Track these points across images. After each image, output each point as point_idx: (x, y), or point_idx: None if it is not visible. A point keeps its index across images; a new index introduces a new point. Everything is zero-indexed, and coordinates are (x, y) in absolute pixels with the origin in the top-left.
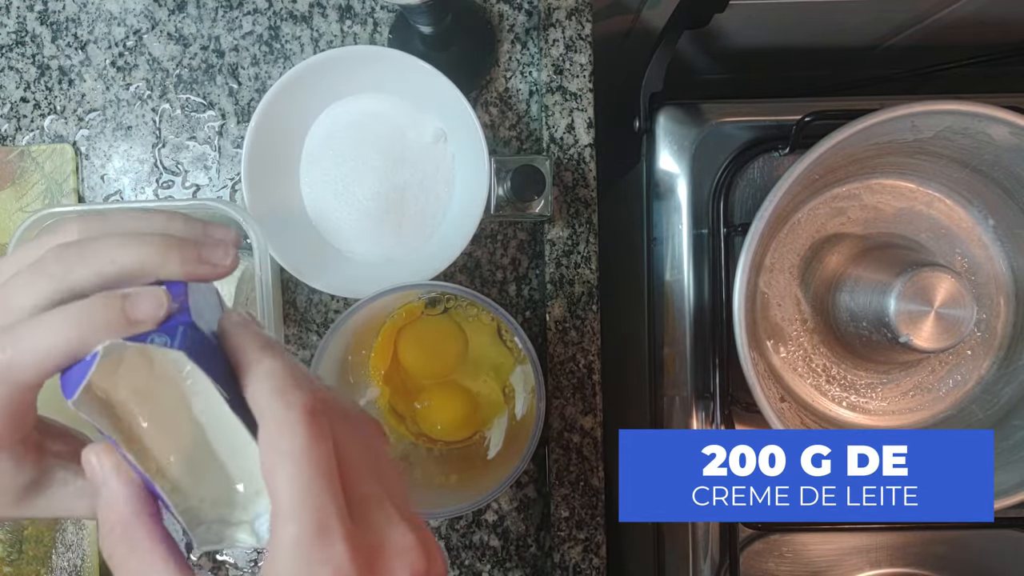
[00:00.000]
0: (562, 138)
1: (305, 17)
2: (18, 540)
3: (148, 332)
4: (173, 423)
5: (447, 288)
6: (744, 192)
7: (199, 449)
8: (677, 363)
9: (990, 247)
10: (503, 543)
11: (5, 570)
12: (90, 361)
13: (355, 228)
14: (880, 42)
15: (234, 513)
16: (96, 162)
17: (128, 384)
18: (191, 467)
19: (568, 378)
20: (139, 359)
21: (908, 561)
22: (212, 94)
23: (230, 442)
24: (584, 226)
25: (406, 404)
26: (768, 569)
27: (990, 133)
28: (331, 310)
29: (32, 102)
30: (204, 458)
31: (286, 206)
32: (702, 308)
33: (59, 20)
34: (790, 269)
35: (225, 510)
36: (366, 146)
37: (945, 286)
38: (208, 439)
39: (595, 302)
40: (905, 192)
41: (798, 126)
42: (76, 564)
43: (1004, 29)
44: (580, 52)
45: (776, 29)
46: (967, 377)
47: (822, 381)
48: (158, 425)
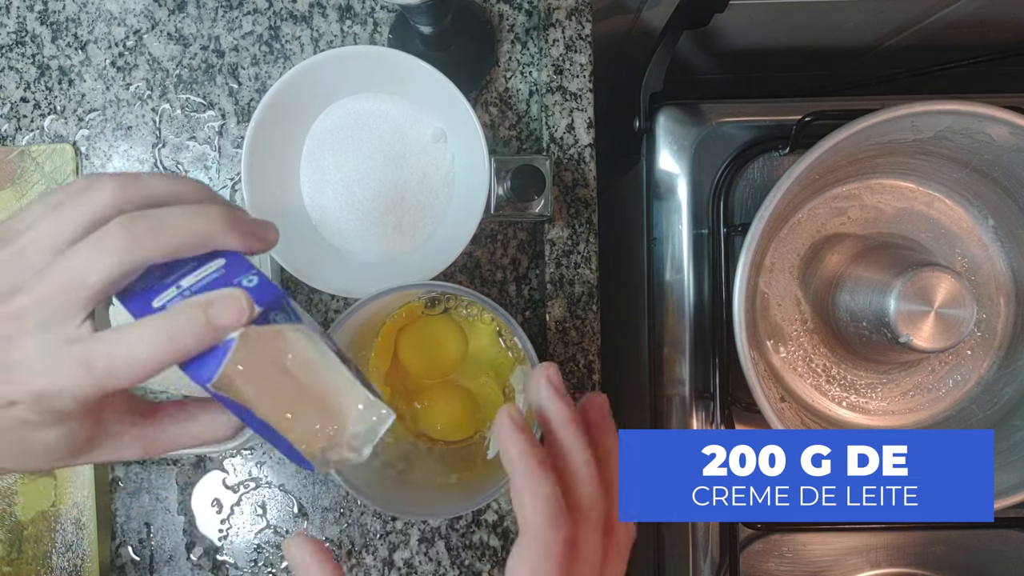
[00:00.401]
0: (562, 138)
1: (305, 17)
2: (18, 540)
3: (264, 312)
4: (277, 379)
5: (447, 288)
6: (744, 192)
7: (303, 396)
8: (677, 363)
9: (990, 247)
10: (503, 543)
11: (5, 570)
12: (223, 351)
13: (355, 228)
14: (880, 42)
15: (339, 438)
16: (96, 162)
17: (241, 358)
18: (301, 413)
19: (568, 378)
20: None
21: (908, 561)
22: (212, 94)
23: (333, 383)
24: (584, 226)
25: (406, 404)
26: (768, 569)
27: (990, 133)
28: (331, 310)
29: (32, 102)
30: (309, 402)
31: (286, 206)
32: (702, 308)
33: (59, 20)
34: (790, 269)
35: (331, 439)
36: (366, 146)
37: (945, 286)
38: (309, 385)
39: (595, 302)
40: (905, 192)
41: (798, 126)
42: (76, 564)
43: (1004, 29)
44: (580, 52)
45: (776, 29)
46: (967, 377)
47: (822, 381)
48: (268, 385)
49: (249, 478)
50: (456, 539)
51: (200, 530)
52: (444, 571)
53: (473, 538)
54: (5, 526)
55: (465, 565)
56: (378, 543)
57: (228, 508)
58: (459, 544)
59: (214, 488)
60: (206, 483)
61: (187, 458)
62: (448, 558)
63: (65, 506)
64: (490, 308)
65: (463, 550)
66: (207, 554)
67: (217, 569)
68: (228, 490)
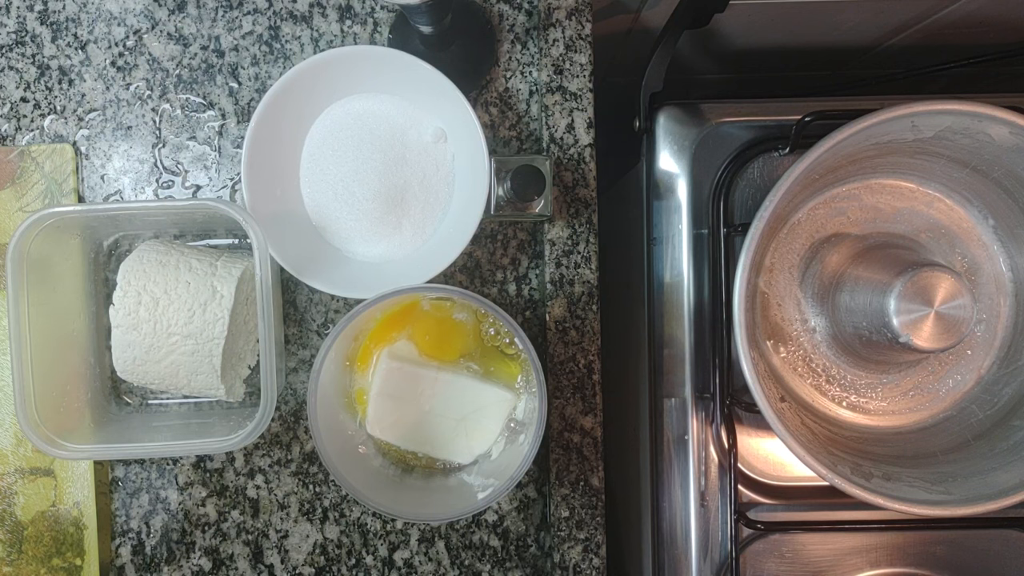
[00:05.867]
0: (562, 138)
1: (305, 17)
2: (18, 540)
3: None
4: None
5: (447, 291)
6: (744, 192)
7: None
8: (677, 363)
9: (990, 247)
10: (503, 543)
11: (5, 570)
12: None
13: (355, 228)
14: (880, 42)
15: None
16: (96, 162)
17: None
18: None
19: (568, 378)
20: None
21: (908, 561)
22: (212, 94)
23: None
24: (584, 226)
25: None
26: (768, 569)
27: (990, 133)
28: (331, 310)
29: (32, 102)
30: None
31: (286, 206)
32: (702, 308)
33: (59, 20)
34: (790, 269)
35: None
36: (366, 146)
37: (945, 286)
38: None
39: (595, 302)
40: (905, 192)
41: (798, 126)
42: (76, 564)
43: (1004, 29)
44: (580, 52)
45: (776, 29)
46: (967, 377)
47: (822, 381)
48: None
49: (249, 478)
50: (456, 539)
51: (200, 530)
52: (444, 571)
53: (473, 538)
54: (5, 526)
55: (465, 565)
56: (378, 543)
57: (228, 508)
58: (459, 544)
59: (214, 488)
60: (206, 483)
61: (187, 458)
62: (448, 558)
63: (65, 506)
64: (490, 310)
65: (463, 550)
66: (207, 554)
67: (217, 569)
68: (228, 490)
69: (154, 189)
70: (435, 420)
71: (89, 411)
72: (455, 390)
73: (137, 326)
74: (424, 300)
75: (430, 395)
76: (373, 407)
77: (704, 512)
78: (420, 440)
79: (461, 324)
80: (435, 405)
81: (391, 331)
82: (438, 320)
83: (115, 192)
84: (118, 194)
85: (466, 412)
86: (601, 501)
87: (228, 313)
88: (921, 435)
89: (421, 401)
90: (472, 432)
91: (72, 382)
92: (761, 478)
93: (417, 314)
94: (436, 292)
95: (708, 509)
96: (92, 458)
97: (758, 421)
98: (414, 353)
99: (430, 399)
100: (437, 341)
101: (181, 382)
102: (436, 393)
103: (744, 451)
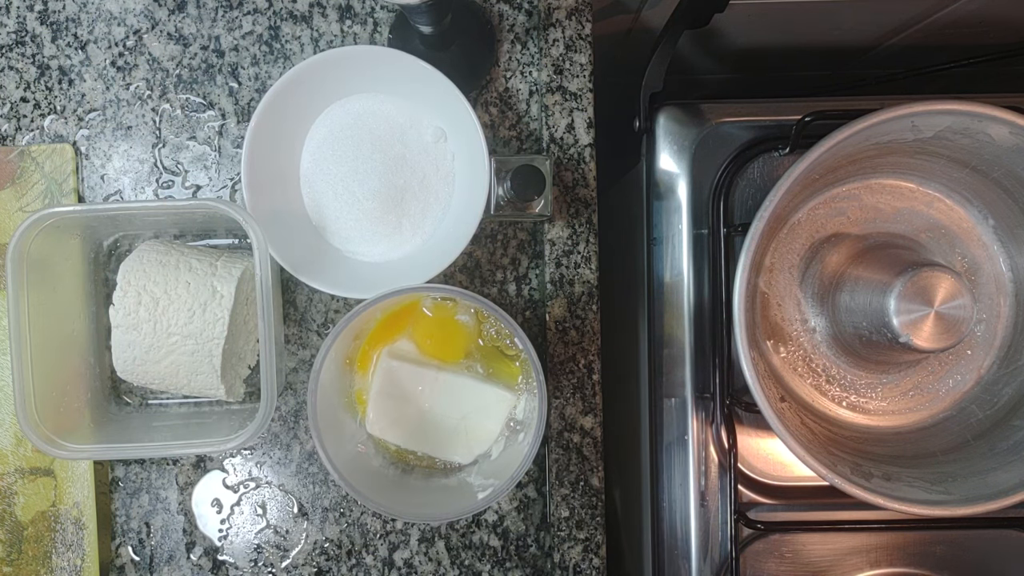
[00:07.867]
0: (562, 138)
1: (305, 17)
2: (18, 540)
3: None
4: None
5: (447, 291)
6: (744, 192)
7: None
8: (677, 363)
9: (990, 247)
10: (503, 543)
11: (5, 570)
12: None
13: (355, 228)
14: (880, 42)
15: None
16: (96, 162)
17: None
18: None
19: (568, 378)
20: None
21: (908, 561)
22: (212, 94)
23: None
24: (584, 226)
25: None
26: (768, 569)
27: (990, 133)
28: (331, 310)
29: (32, 102)
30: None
31: (286, 206)
32: (702, 308)
33: (59, 20)
34: (790, 269)
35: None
36: (366, 146)
37: (945, 286)
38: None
39: (595, 302)
40: (905, 192)
41: (798, 126)
42: (76, 564)
43: (1004, 29)
44: (580, 52)
45: (776, 29)
46: (967, 377)
47: (822, 381)
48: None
49: (249, 478)
50: (456, 539)
51: (200, 530)
52: (444, 571)
53: (473, 538)
54: (5, 526)
55: (465, 565)
56: (378, 543)
57: (228, 508)
58: (459, 544)
59: (214, 488)
60: (206, 483)
61: (187, 458)
62: (448, 558)
63: (65, 506)
64: (490, 310)
65: (463, 550)
66: (207, 554)
67: (217, 569)
68: (228, 490)
69: (154, 189)
70: (435, 420)
71: (89, 411)
72: (455, 390)
73: (137, 326)
74: (425, 301)
75: (430, 395)
76: (373, 407)
77: (704, 512)
78: (420, 440)
79: (462, 325)
80: (435, 405)
81: (391, 331)
82: (439, 321)
83: (115, 192)
84: (118, 194)
85: (466, 412)
86: (601, 501)
87: (228, 313)
88: (921, 435)
89: (421, 401)
90: (472, 432)
91: (72, 382)
92: (761, 478)
93: (418, 315)
94: (436, 292)
95: (708, 509)
96: (92, 458)
97: (758, 421)
98: (414, 352)
99: (430, 399)
100: (438, 342)
101: (181, 382)
102: (436, 393)
103: (744, 451)
